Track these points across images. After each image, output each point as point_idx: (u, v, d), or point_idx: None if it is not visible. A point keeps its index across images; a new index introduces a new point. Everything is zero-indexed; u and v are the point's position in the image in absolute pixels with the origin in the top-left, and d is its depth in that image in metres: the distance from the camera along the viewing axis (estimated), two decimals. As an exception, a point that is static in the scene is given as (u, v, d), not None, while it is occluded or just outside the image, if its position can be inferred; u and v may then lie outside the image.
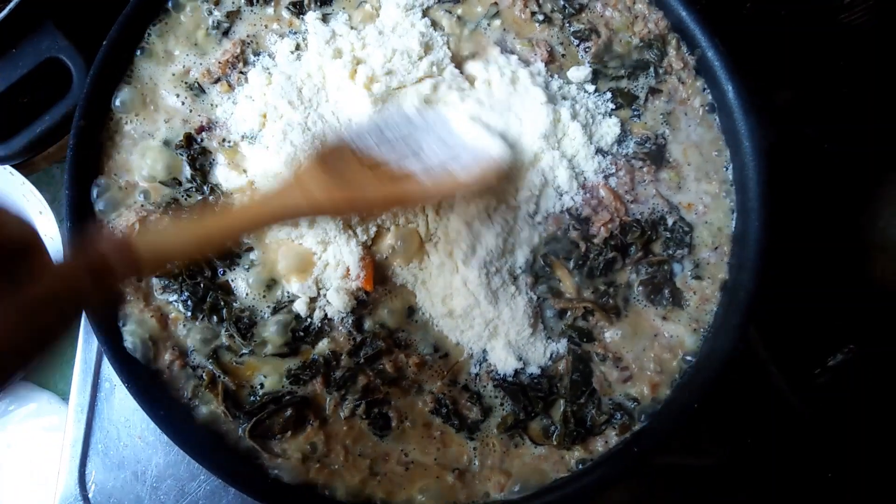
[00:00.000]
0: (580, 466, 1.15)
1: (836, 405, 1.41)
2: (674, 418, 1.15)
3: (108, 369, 1.34)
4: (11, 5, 1.27)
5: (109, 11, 1.25)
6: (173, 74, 1.26)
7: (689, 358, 1.20)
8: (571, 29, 1.32)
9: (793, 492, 1.40)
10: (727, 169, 1.27)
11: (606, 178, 1.25)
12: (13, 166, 1.48)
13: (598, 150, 1.25)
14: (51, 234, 1.54)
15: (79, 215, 1.18)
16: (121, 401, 1.33)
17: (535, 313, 1.18)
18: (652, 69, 1.29)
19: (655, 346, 1.20)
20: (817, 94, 1.50)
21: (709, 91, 1.29)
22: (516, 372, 1.17)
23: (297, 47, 1.27)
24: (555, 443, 1.15)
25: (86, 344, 1.35)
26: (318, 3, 1.31)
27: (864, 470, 1.40)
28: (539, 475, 1.15)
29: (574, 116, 1.23)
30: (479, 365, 1.18)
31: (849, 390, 1.43)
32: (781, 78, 1.50)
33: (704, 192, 1.26)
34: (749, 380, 1.38)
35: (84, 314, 1.25)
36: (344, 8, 1.32)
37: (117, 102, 1.24)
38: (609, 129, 1.25)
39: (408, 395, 1.17)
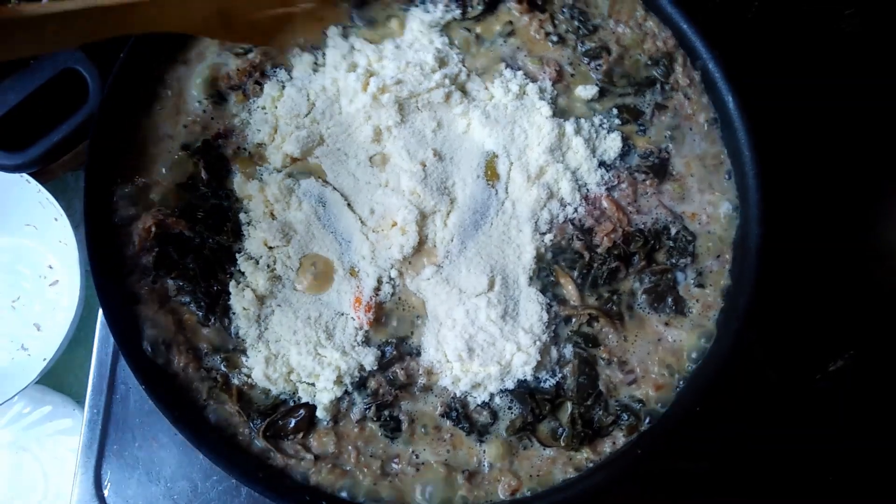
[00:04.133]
0: (588, 467, 1.17)
1: (836, 410, 1.44)
2: (678, 419, 1.18)
3: (123, 372, 1.37)
4: (30, 18, 1.31)
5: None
6: (201, 79, 1.30)
7: (692, 362, 1.22)
8: (583, 48, 1.34)
9: (794, 495, 1.43)
10: (729, 179, 1.29)
11: (609, 189, 1.28)
12: (29, 174, 1.52)
13: (602, 164, 1.29)
14: (65, 241, 1.58)
15: (96, 223, 1.20)
16: (136, 403, 1.36)
17: (549, 319, 1.21)
18: (658, 86, 1.32)
19: (659, 350, 1.22)
20: (819, 101, 1.53)
21: (713, 107, 1.31)
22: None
23: (316, 63, 1.31)
24: (563, 444, 1.17)
25: (102, 347, 1.38)
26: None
27: (865, 474, 1.43)
28: (547, 477, 1.17)
29: (578, 131, 1.27)
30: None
31: (849, 395, 1.45)
32: (784, 85, 1.52)
33: (708, 202, 1.29)
34: (748, 383, 1.41)
35: (102, 317, 1.28)
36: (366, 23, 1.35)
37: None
38: (612, 143, 1.28)
39: (418, 400, 1.20)
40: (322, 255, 1.23)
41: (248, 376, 1.18)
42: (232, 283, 1.21)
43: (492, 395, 1.19)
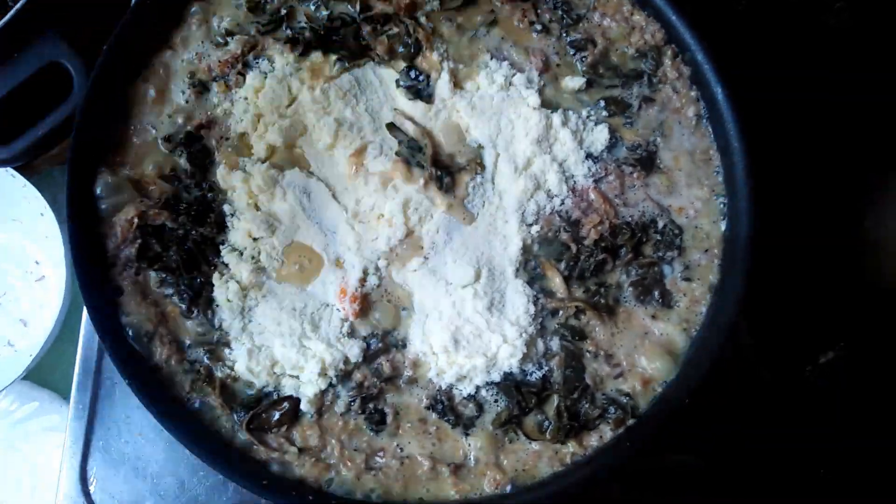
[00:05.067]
0: (574, 461, 1.16)
1: (827, 402, 1.44)
2: (665, 413, 1.17)
3: (108, 368, 1.36)
4: (13, 11, 1.30)
5: (110, 17, 1.28)
6: (183, 61, 1.29)
7: (679, 355, 1.21)
8: (568, 39, 1.34)
9: (784, 490, 1.43)
10: (718, 174, 1.28)
11: (597, 181, 1.27)
12: (14, 168, 1.51)
13: (589, 156, 1.28)
14: (51, 236, 1.57)
15: (80, 215, 1.20)
16: (121, 398, 1.35)
17: (536, 311, 1.21)
18: (646, 78, 1.31)
19: (646, 343, 1.22)
20: (809, 95, 1.53)
21: (702, 101, 1.30)
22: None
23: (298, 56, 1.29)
24: (548, 437, 1.17)
25: (87, 343, 1.38)
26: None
27: (856, 466, 1.43)
28: (533, 471, 1.17)
29: (565, 123, 1.26)
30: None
31: (840, 387, 1.45)
32: (773, 78, 1.52)
33: (696, 196, 1.28)
34: (739, 378, 1.41)
35: (86, 312, 1.28)
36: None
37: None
38: (599, 135, 1.28)
39: (403, 393, 1.20)
40: (307, 244, 1.23)
41: (232, 369, 1.18)
42: (216, 275, 1.21)
43: (478, 388, 1.19)
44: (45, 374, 1.69)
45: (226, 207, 1.25)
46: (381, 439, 1.17)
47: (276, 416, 1.16)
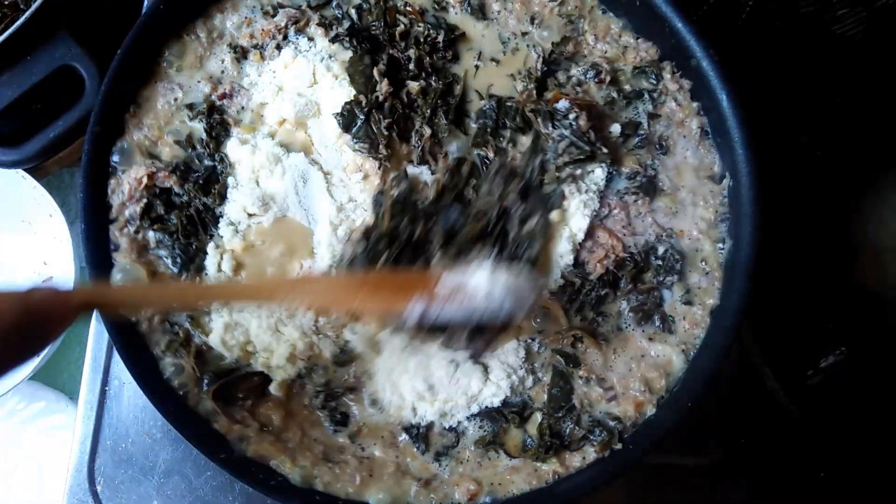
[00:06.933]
0: (555, 479, 1.16)
1: (828, 406, 1.45)
2: (657, 434, 1.17)
3: (117, 367, 1.39)
4: (27, 14, 1.33)
5: (123, 20, 1.30)
6: (232, 23, 1.31)
7: (675, 377, 1.21)
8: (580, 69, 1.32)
9: (785, 491, 1.44)
10: (724, 192, 1.26)
11: (602, 220, 1.26)
12: (25, 170, 1.54)
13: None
14: (60, 237, 1.59)
15: (92, 217, 1.22)
16: (129, 398, 1.38)
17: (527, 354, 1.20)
18: (647, 95, 1.30)
19: (642, 366, 1.21)
20: (810, 102, 1.55)
21: (704, 114, 1.29)
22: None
23: (337, 37, 1.31)
24: (530, 454, 1.16)
25: (96, 343, 1.41)
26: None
27: (856, 470, 1.45)
28: (510, 486, 1.16)
29: (578, 191, 1.23)
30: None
31: (840, 391, 1.47)
32: (774, 77, 1.52)
33: (700, 217, 1.26)
34: (743, 380, 1.42)
35: (97, 314, 1.30)
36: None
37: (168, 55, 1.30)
38: (595, 177, 1.25)
39: (367, 409, 1.19)
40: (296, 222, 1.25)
41: (208, 336, 1.21)
42: (210, 245, 1.24)
43: (459, 422, 1.19)
44: (52, 374, 1.72)
45: (230, 180, 1.27)
46: (342, 438, 1.19)
47: (245, 389, 1.18)
